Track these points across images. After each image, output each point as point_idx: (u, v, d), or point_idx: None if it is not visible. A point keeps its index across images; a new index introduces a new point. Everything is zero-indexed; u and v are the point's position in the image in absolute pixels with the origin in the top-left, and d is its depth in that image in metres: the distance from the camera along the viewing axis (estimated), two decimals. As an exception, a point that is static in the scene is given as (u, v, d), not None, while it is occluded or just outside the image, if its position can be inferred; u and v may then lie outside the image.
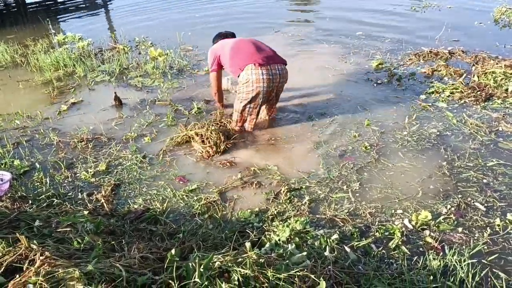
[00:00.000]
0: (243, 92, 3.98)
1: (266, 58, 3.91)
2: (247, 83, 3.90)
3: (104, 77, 6.00)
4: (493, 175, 3.34)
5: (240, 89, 3.99)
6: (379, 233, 2.80)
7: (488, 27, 7.24)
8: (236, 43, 4.13)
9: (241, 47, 4.06)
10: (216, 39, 4.54)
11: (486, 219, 2.88)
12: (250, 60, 3.88)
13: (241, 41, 4.16)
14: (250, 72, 3.86)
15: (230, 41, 4.23)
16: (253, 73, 3.85)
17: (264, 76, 3.85)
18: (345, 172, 3.51)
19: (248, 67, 3.87)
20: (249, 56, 3.92)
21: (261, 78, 3.85)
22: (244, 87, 3.94)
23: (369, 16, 8.53)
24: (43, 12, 11.43)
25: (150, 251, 2.48)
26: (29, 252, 2.21)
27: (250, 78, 3.86)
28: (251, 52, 3.95)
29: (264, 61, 3.88)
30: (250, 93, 3.94)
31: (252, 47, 4.00)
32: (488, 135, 3.89)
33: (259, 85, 3.87)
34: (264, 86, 3.89)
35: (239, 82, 3.99)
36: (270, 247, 2.58)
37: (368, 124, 4.23)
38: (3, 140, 4.34)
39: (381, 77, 5.39)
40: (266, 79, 3.87)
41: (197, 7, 10.58)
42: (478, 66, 5.33)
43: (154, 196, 3.37)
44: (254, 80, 3.86)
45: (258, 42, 4.15)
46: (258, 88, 3.89)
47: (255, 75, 3.85)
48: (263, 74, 3.85)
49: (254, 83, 3.87)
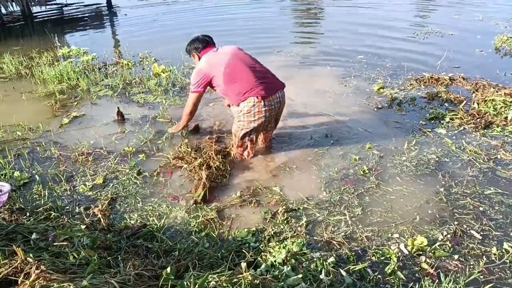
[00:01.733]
0: (244, 121, 3.90)
1: (267, 88, 3.81)
2: (248, 113, 3.84)
3: (107, 92, 6.05)
4: (490, 204, 3.35)
5: (241, 117, 3.90)
6: (375, 257, 2.81)
7: (489, 55, 7.33)
8: (229, 66, 3.82)
9: (237, 73, 3.82)
10: (195, 44, 4.11)
11: (483, 248, 2.89)
12: (251, 91, 3.77)
13: (234, 63, 3.84)
14: (253, 105, 3.79)
15: (218, 59, 3.90)
16: (256, 106, 3.79)
17: (267, 107, 3.82)
18: (346, 197, 3.51)
19: (250, 99, 3.78)
20: (249, 86, 3.77)
21: (263, 110, 3.81)
22: (246, 117, 3.87)
23: (371, 39, 8.63)
24: (50, 25, 11.57)
25: (146, 268, 2.49)
26: (25, 265, 2.21)
27: (252, 110, 3.81)
28: (250, 81, 3.78)
29: (266, 92, 3.79)
30: (251, 123, 3.88)
31: (249, 73, 3.80)
32: (486, 162, 3.91)
33: (261, 116, 3.83)
34: (267, 116, 3.86)
35: (239, 110, 3.90)
36: (265, 268, 2.58)
37: (369, 148, 4.25)
38: (4, 151, 4.36)
39: (382, 101, 5.43)
40: (268, 110, 3.84)
41: (203, 25, 10.70)
42: (478, 93, 5.37)
43: (150, 212, 3.37)
44: (256, 112, 3.81)
45: (251, 62, 3.93)
46: (260, 119, 3.85)
47: (257, 108, 3.79)
48: (265, 106, 3.81)
49: (256, 115, 3.82)
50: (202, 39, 4.11)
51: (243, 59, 3.93)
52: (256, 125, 3.89)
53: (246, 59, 3.94)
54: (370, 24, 10.07)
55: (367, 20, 10.54)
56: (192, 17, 11.72)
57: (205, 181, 3.64)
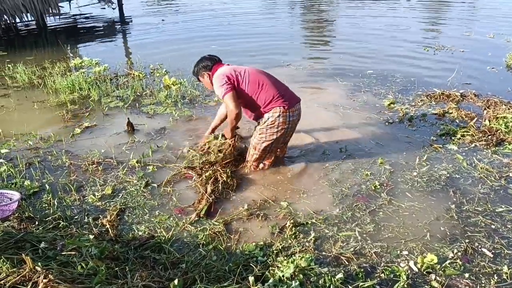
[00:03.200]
0: (266, 133, 3.88)
1: (290, 100, 3.85)
2: (272, 125, 3.82)
3: (118, 103, 6.10)
4: (502, 222, 3.30)
5: (264, 129, 3.88)
6: (385, 275, 2.77)
7: (501, 72, 7.29)
8: (252, 75, 3.86)
9: (260, 81, 3.84)
10: (204, 63, 4.06)
11: (494, 266, 2.84)
12: (277, 101, 3.78)
13: (256, 74, 3.89)
14: (278, 116, 3.78)
15: (239, 71, 3.89)
16: (281, 117, 3.78)
17: (290, 119, 3.84)
18: (358, 213, 3.48)
19: (276, 110, 3.77)
20: (274, 96, 3.78)
21: (287, 121, 3.82)
22: (269, 128, 3.85)
23: (381, 54, 8.64)
24: (63, 35, 11.73)
25: (153, 280, 2.48)
26: (33, 274, 2.21)
27: (277, 121, 3.79)
28: (274, 90, 3.80)
29: (289, 103, 3.82)
30: (274, 135, 3.87)
31: (271, 84, 3.85)
32: (498, 180, 3.87)
33: (284, 127, 3.84)
34: (289, 127, 3.89)
35: (262, 122, 3.88)
36: (273, 283, 2.55)
37: (381, 163, 4.23)
38: (16, 159, 4.40)
39: (393, 117, 5.41)
40: (291, 121, 3.86)
41: (215, 37, 10.79)
42: (490, 110, 5.34)
43: (158, 224, 3.37)
44: (280, 123, 3.80)
45: (269, 76, 3.99)
46: (283, 130, 3.85)
47: (282, 118, 3.79)
48: (289, 117, 3.82)
49: (280, 125, 3.81)
50: (210, 57, 4.09)
51: (261, 71, 4.00)
52: (277, 136, 3.89)
53: (263, 72, 4.00)
54: (380, 39, 10.10)
55: (377, 35, 10.57)
56: (204, 30, 11.83)
57: (209, 196, 3.63)
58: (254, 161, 4.13)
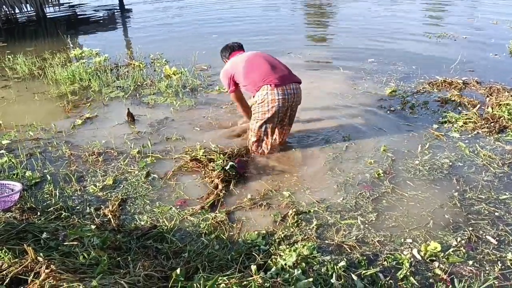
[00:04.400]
0: (258, 112, 3.98)
1: (281, 78, 3.92)
2: (262, 103, 3.92)
3: (119, 93, 6.07)
4: (506, 209, 3.29)
5: (256, 108, 4.00)
6: (387, 262, 2.76)
7: (504, 59, 7.24)
8: (249, 60, 4.09)
9: (255, 65, 4.03)
10: (224, 52, 4.50)
11: (498, 253, 2.83)
12: (265, 81, 3.89)
13: (254, 58, 4.12)
14: (266, 93, 3.87)
15: (241, 58, 4.19)
16: (269, 94, 3.87)
17: (280, 96, 3.88)
18: (361, 202, 3.46)
19: (264, 88, 3.88)
20: (264, 76, 3.91)
21: (276, 99, 3.87)
22: (260, 107, 3.95)
23: (383, 42, 8.59)
24: (62, 26, 11.67)
25: (155, 269, 2.47)
26: (35, 264, 2.21)
27: (265, 98, 3.88)
28: (265, 71, 3.94)
29: (280, 81, 3.89)
30: (266, 113, 3.95)
31: (266, 65, 3.99)
32: (501, 167, 3.85)
33: (274, 104, 3.89)
34: (280, 105, 3.91)
35: (254, 101, 4.00)
36: (276, 271, 2.55)
37: (384, 150, 4.21)
38: (17, 150, 4.39)
39: (394, 105, 5.38)
40: (281, 99, 3.89)
41: (215, 26, 10.73)
42: (492, 97, 5.30)
43: (160, 214, 3.36)
44: (270, 101, 3.88)
45: (271, 59, 4.14)
46: (274, 108, 3.91)
47: (271, 96, 3.86)
48: (278, 95, 3.87)
49: (270, 103, 3.88)
50: (230, 46, 4.46)
51: (263, 56, 4.16)
52: (270, 115, 3.95)
53: (267, 57, 4.16)
54: (381, 27, 10.05)
55: (378, 23, 10.51)
56: (205, 19, 11.76)
57: (219, 192, 3.60)
58: (253, 144, 4.20)
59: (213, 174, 3.81)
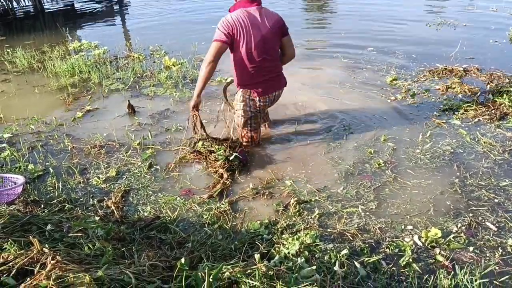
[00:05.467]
0: (240, 109, 3.98)
1: (268, 87, 3.89)
2: (243, 103, 3.93)
3: (119, 85, 6.07)
4: (506, 195, 3.30)
5: (237, 106, 4.00)
6: (390, 250, 2.78)
7: (504, 45, 7.21)
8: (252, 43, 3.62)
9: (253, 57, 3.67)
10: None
11: (498, 239, 2.85)
12: (252, 85, 3.84)
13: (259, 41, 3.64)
14: (248, 97, 3.89)
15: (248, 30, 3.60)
16: (250, 99, 3.89)
17: (261, 103, 3.93)
18: (362, 191, 3.47)
19: (247, 91, 3.88)
20: (253, 80, 3.81)
21: (258, 105, 3.93)
22: (241, 106, 3.95)
23: (383, 30, 8.55)
24: (61, 19, 11.62)
25: (160, 259, 2.49)
26: (41, 255, 2.23)
27: (247, 101, 3.91)
28: (257, 75, 3.78)
29: (264, 91, 3.87)
30: (248, 113, 3.97)
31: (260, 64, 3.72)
32: (501, 154, 3.86)
33: (255, 109, 3.95)
34: (260, 110, 3.99)
35: (236, 98, 3.99)
36: (279, 259, 2.57)
37: (384, 140, 4.22)
38: (18, 144, 4.40)
39: (395, 93, 5.38)
40: (262, 105, 3.96)
41: (213, 17, 10.67)
42: (493, 84, 5.30)
43: (163, 205, 3.38)
44: (251, 104, 3.92)
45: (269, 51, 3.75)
46: (254, 110, 3.96)
47: (252, 101, 3.90)
48: (260, 101, 3.91)
49: (252, 107, 3.93)
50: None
51: (266, 42, 3.69)
52: (252, 115, 3.98)
53: (267, 45, 3.72)
54: (381, 15, 9.99)
55: (378, 11, 10.46)
56: (205, 9, 11.70)
57: (225, 181, 3.63)
58: (245, 140, 4.18)
59: (217, 164, 3.83)
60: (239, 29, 3.59)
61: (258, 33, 3.65)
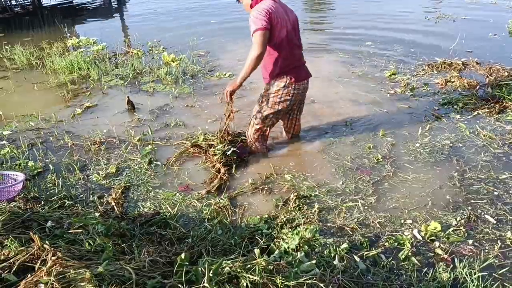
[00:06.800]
0: (269, 101, 3.74)
1: (301, 73, 3.75)
2: (276, 94, 3.69)
3: (118, 82, 6.07)
4: (505, 188, 3.31)
5: (267, 97, 3.75)
6: (389, 243, 2.79)
7: (503, 39, 7.20)
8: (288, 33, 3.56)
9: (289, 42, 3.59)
10: None
11: (497, 232, 2.86)
12: (289, 71, 3.65)
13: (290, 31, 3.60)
14: (284, 85, 3.65)
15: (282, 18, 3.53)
16: (286, 87, 3.66)
17: (295, 91, 3.71)
18: (361, 186, 3.47)
19: (283, 79, 3.65)
20: (291, 64, 3.66)
21: (291, 93, 3.69)
22: (272, 97, 3.72)
23: (381, 25, 8.54)
24: (59, 15, 11.59)
25: (160, 254, 2.50)
26: (41, 252, 2.23)
27: (281, 90, 3.67)
28: (294, 58, 3.68)
29: (300, 77, 3.70)
30: (276, 105, 3.73)
31: (295, 50, 3.69)
32: (501, 147, 3.86)
33: (288, 98, 3.70)
34: (292, 100, 3.74)
35: (266, 89, 3.75)
36: (279, 254, 2.58)
37: (383, 135, 4.22)
38: (18, 141, 4.40)
39: (394, 87, 5.38)
40: (296, 94, 3.73)
41: (212, 12, 10.66)
42: (492, 77, 5.30)
43: (163, 201, 3.39)
44: (285, 93, 3.68)
45: (298, 38, 3.79)
46: (286, 102, 3.73)
47: (287, 89, 3.67)
48: (294, 89, 3.69)
49: (284, 96, 3.69)
50: None
51: (295, 29, 3.72)
52: (280, 108, 3.76)
53: (296, 33, 3.75)
54: (379, 9, 9.98)
55: (376, 5, 10.43)
56: (203, 5, 11.67)
57: (222, 176, 3.63)
58: (255, 134, 3.93)
59: (214, 159, 3.83)
60: (274, 16, 3.47)
61: (288, 20, 3.60)
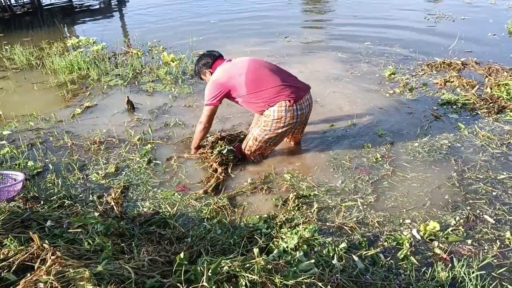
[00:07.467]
0: (271, 127, 3.63)
1: (296, 90, 3.60)
2: (279, 120, 3.58)
3: (118, 81, 6.07)
4: (503, 188, 3.32)
5: (269, 123, 3.62)
6: (388, 243, 2.80)
7: (502, 39, 7.21)
8: (251, 71, 3.60)
9: (261, 76, 3.59)
10: (204, 60, 3.83)
11: (496, 232, 2.87)
12: (281, 95, 3.53)
13: (255, 66, 3.64)
14: (284, 109, 3.54)
15: (237, 67, 3.66)
16: (288, 111, 3.55)
17: (299, 112, 3.60)
18: (360, 185, 3.48)
19: (281, 104, 3.53)
20: (278, 90, 3.53)
21: (295, 115, 3.58)
22: (275, 123, 3.60)
23: (381, 25, 8.54)
24: (59, 15, 11.59)
25: (159, 254, 2.51)
26: (41, 251, 2.24)
27: (283, 116, 3.56)
28: (277, 83, 3.54)
29: (296, 95, 3.57)
30: (280, 129, 3.64)
31: (274, 76, 3.59)
32: (499, 147, 3.87)
33: (292, 122, 3.61)
34: (297, 121, 3.65)
35: (267, 115, 3.61)
36: (278, 253, 2.59)
37: (382, 134, 4.23)
38: (18, 141, 4.41)
39: (393, 87, 5.38)
40: (300, 115, 3.62)
41: (212, 12, 10.67)
42: (491, 77, 5.31)
43: (162, 200, 3.39)
44: (288, 117, 3.57)
45: (273, 66, 3.76)
46: (290, 125, 3.64)
47: (290, 113, 3.55)
48: (297, 111, 3.58)
49: (288, 120, 3.58)
50: (209, 54, 3.85)
51: (262, 63, 3.73)
52: (283, 131, 3.68)
53: (265, 64, 3.75)
54: (379, 9, 9.98)
55: (376, 5, 10.43)
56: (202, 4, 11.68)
57: (219, 175, 3.63)
58: (254, 152, 3.86)
59: (211, 158, 3.84)
60: (230, 81, 3.60)
61: (251, 64, 3.66)
